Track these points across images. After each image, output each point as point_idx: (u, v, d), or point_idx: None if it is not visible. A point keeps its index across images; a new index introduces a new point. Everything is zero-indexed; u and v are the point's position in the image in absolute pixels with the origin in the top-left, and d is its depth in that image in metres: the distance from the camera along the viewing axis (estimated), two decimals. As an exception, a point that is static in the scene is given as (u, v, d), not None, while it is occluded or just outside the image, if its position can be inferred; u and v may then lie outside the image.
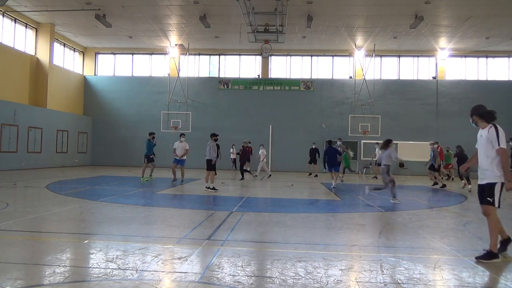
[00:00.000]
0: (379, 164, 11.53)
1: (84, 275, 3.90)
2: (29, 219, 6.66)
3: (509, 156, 6.96)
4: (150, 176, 15.19)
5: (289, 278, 3.89)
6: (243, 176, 17.25)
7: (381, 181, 11.20)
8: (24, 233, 5.75)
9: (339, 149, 15.07)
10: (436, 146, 16.42)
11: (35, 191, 11.16)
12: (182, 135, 14.86)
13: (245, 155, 18.49)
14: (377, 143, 20.96)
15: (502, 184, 4.80)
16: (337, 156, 14.22)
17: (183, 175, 14.52)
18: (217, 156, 11.95)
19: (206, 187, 11.57)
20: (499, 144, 4.79)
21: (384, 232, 6.29)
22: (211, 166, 11.71)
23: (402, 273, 4.15)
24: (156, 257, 4.53)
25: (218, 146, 12.24)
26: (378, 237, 5.94)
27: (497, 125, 4.99)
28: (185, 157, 14.44)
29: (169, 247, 5.01)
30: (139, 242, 5.19)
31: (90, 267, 4.14)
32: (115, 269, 4.01)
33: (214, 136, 11.93)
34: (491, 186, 4.85)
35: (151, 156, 15.06)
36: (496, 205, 4.80)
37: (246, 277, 3.91)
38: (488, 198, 4.82)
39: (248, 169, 21.92)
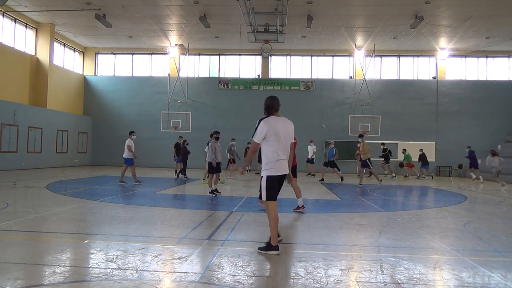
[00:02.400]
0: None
1: (84, 275, 3.90)
2: (29, 219, 6.66)
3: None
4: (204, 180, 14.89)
5: (289, 278, 3.88)
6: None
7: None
8: (24, 233, 5.75)
9: (232, 148, 18.00)
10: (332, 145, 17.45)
11: (35, 191, 11.16)
12: (133, 132, 13.86)
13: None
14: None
15: (268, 177, 4.82)
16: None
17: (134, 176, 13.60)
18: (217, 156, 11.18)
19: (210, 192, 10.99)
20: (253, 136, 4.94)
21: (384, 232, 6.29)
22: (212, 168, 11.16)
23: (402, 273, 4.15)
24: (156, 257, 4.53)
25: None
26: (378, 237, 5.93)
27: (265, 119, 4.92)
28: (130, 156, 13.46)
29: (169, 247, 5.01)
30: (139, 242, 5.19)
31: (90, 267, 4.14)
32: (115, 269, 4.01)
33: (215, 134, 11.31)
34: (261, 179, 4.92)
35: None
36: (263, 198, 4.83)
37: (246, 277, 3.91)
38: (260, 192, 4.92)
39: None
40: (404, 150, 22.42)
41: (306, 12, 19.11)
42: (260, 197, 4.90)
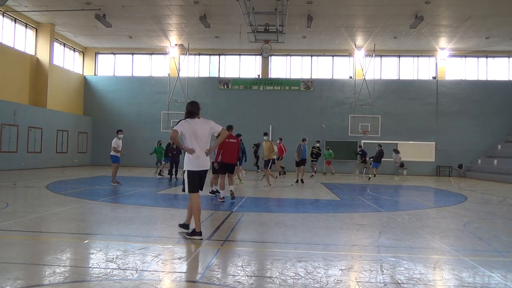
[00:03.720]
0: None
1: (84, 275, 3.90)
2: (29, 219, 6.66)
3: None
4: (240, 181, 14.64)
5: (289, 278, 3.88)
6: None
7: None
8: (24, 233, 5.75)
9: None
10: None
11: (35, 191, 11.16)
12: (120, 131, 13.79)
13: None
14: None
15: (188, 171, 5.29)
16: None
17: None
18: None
19: (210, 192, 10.66)
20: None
21: (384, 232, 6.29)
22: (214, 168, 10.34)
23: (402, 273, 4.15)
24: (156, 257, 4.53)
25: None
26: (378, 237, 5.93)
27: (185, 120, 5.38)
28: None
29: (169, 247, 5.01)
30: (139, 242, 5.19)
31: (90, 267, 4.14)
32: (115, 269, 4.01)
33: None
34: (183, 174, 5.39)
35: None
36: (186, 191, 5.32)
37: (246, 277, 3.91)
38: (183, 185, 5.38)
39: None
40: (328, 148, 23.19)
41: (306, 12, 19.10)
42: (183, 190, 5.34)
